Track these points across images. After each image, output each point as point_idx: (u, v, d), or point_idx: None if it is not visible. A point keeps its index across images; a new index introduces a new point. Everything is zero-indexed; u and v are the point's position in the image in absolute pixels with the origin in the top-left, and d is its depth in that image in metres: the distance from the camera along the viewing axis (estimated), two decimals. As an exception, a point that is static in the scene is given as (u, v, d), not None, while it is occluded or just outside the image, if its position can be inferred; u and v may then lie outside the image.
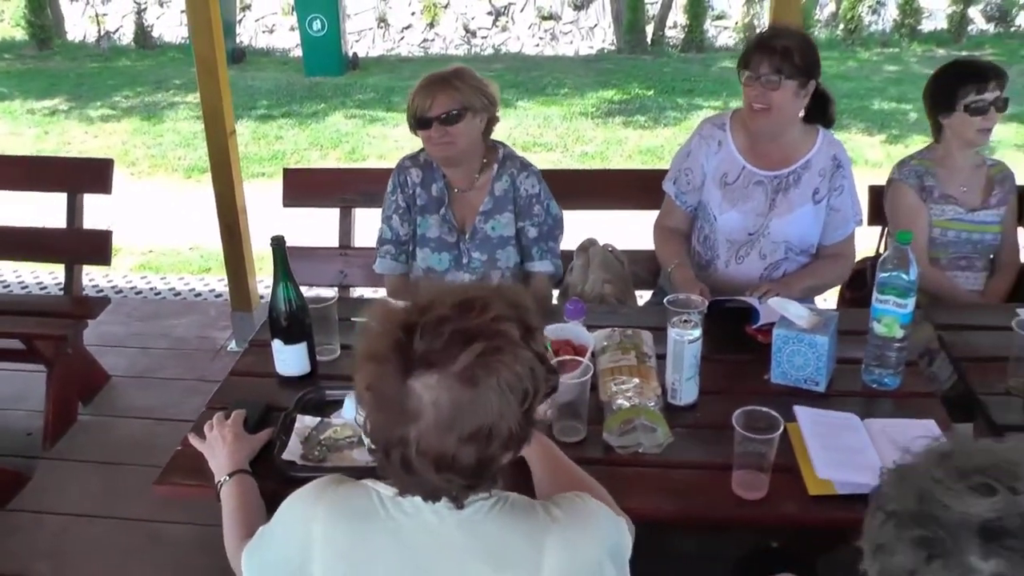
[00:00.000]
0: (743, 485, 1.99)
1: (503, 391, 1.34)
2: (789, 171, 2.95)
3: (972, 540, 1.03)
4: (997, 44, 13.05)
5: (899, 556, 1.09)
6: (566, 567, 1.44)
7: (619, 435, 2.14)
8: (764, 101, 2.80)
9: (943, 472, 1.09)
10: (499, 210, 3.00)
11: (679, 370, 2.25)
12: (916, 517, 1.08)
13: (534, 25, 13.70)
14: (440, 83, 2.83)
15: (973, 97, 3.07)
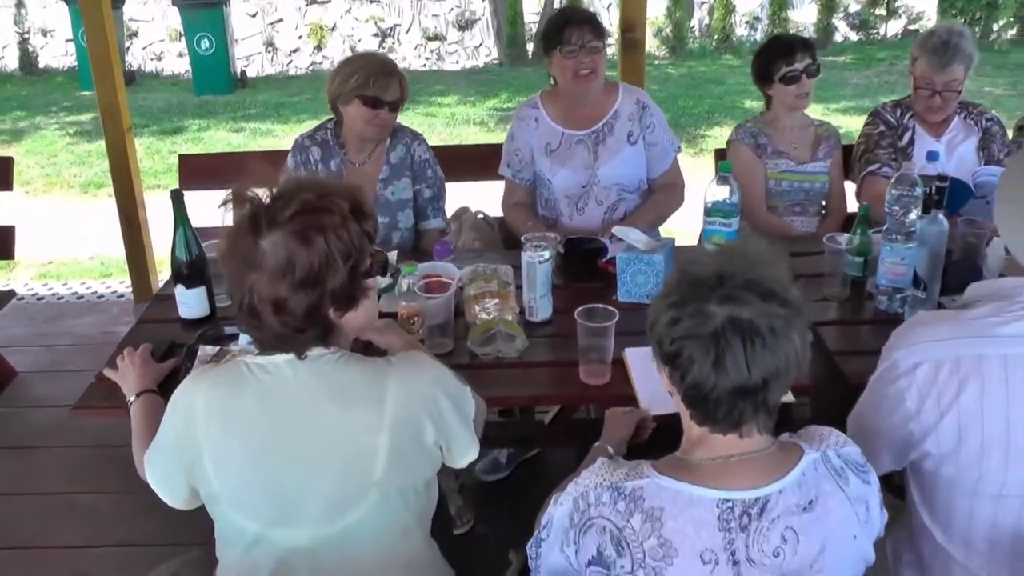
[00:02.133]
0: (589, 374, 2.36)
1: (330, 250, 1.70)
2: (603, 124, 3.42)
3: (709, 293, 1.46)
4: (858, 50, 13.92)
5: (660, 326, 1.52)
6: (404, 400, 1.77)
7: (481, 344, 2.50)
8: (591, 66, 3.27)
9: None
10: (397, 176, 3.37)
11: (533, 289, 2.62)
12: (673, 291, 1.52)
13: (420, 46, 14.06)
14: (396, 73, 3.22)
15: (784, 69, 3.54)
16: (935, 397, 1.72)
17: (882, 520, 1.66)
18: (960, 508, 1.81)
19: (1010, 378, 1.67)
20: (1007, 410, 1.68)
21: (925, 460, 1.80)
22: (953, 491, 1.80)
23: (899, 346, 1.79)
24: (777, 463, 1.55)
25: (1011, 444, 1.69)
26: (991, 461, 1.71)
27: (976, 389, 1.68)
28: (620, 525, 1.51)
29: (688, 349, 1.48)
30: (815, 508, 1.51)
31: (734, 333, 1.44)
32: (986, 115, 3.72)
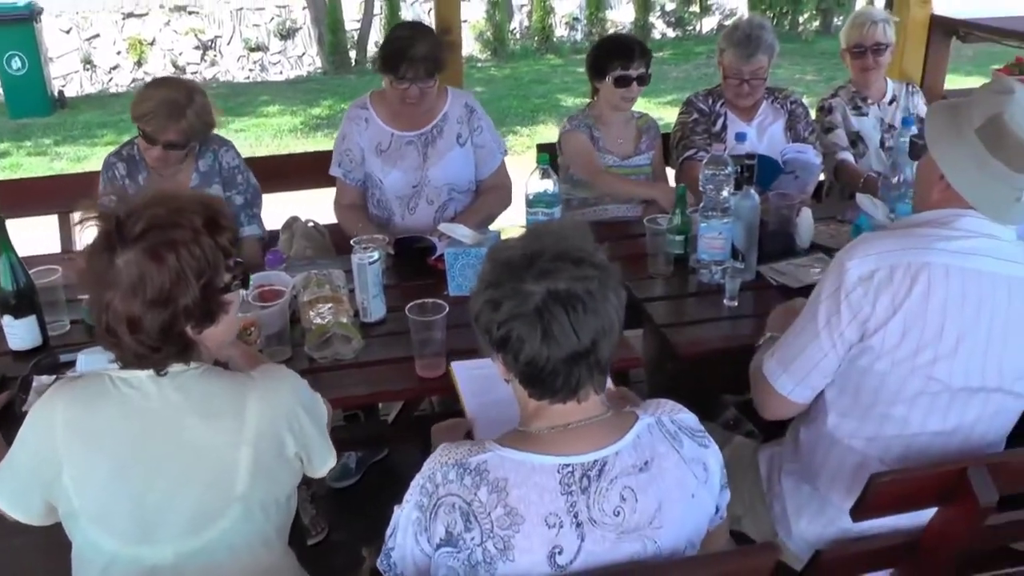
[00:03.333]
0: (425, 368, 2.39)
1: (181, 267, 1.67)
2: (432, 126, 3.47)
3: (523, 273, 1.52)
4: (676, 46, 14.41)
5: (484, 314, 1.56)
6: (266, 414, 1.77)
7: (318, 348, 2.49)
8: (418, 97, 3.32)
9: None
10: (206, 183, 3.31)
11: (365, 290, 2.63)
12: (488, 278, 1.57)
13: (243, 57, 13.78)
14: (180, 114, 3.10)
15: (619, 72, 3.62)
16: (890, 295, 1.92)
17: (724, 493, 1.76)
18: (888, 390, 2.00)
19: (950, 285, 1.91)
20: (944, 313, 1.91)
21: (861, 357, 1.99)
22: (881, 387, 2.00)
23: (850, 258, 1.98)
24: (613, 428, 1.61)
25: (942, 343, 1.92)
26: (921, 358, 1.93)
27: (922, 290, 1.91)
28: (468, 499, 1.54)
29: (516, 330, 1.53)
30: (651, 468, 1.58)
31: (555, 304, 1.51)
32: (791, 98, 3.95)
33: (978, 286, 1.92)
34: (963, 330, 1.92)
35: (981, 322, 1.92)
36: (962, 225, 1.96)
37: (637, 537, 1.57)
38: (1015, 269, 1.96)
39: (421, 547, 1.61)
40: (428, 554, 1.61)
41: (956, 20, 5.06)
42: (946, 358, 1.93)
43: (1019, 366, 1.99)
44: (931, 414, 1.99)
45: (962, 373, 1.95)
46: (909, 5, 4.65)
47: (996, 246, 1.96)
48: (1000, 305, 1.93)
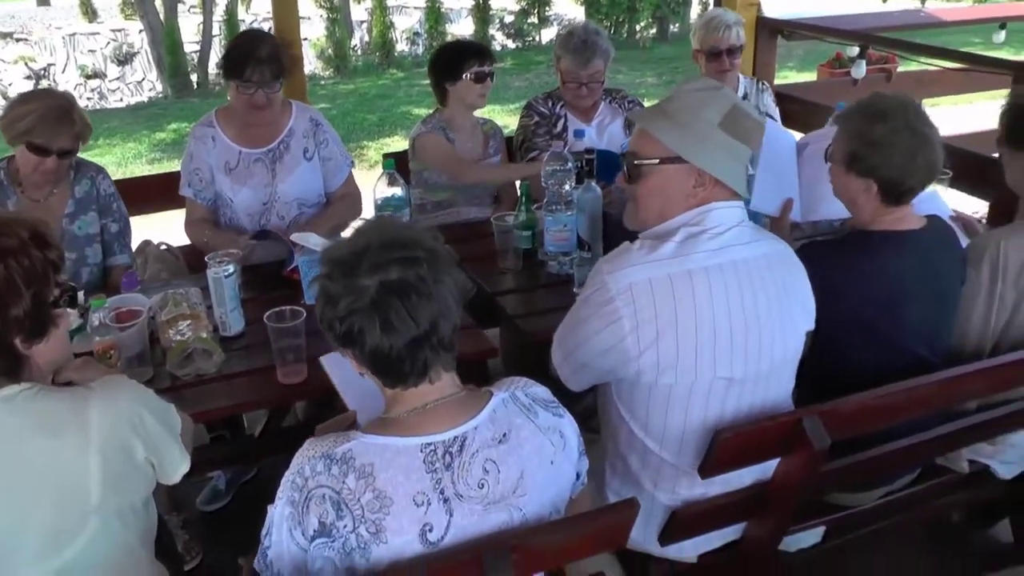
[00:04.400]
0: (287, 375, 2.43)
1: (10, 275, 1.70)
2: (279, 141, 3.49)
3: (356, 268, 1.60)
4: (517, 56, 14.68)
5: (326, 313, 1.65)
6: (109, 421, 1.77)
7: (180, 365, 2.50)
8: (265, 102, 3.34)
9: None
10: (83, 210, 3.26)
11: (222, 304, 2.65)
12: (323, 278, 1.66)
13: (80, 85, 13.41)
14: (70, 118, 3.05)
15: (477, 68, 3.73)
16: (652, 314, 1.97)
17: (583, 459, 1.86)
18: (675, 413, 2.07)
19: (713, 287, 1.99)
20: (713, 315, 1.99)
21: (642, 376, 2.04)
22: (670, 399, 2.06)
23: (609, 271, 2.03)
24: (469, 404, 1.70)
25: (718, 343, 2.00)
26: (703, 361, 2.01)
27: (688, 301, 1.97)
28: (337, 488, 1.60)
29: (356, 324, 1.60)
30: (509, 440, 1.68)
31: (390, 295, 1.58)
32: (628, 99, 4.14)
33: (738, 277, 2.02)
34: (736, 323, 2.01)
35: (752, 308, 2.03)
36: (712, 220, 2.05)
37: (503, 507, 1.66)
38: (763, 247, 2.09)
39: (296, 542, 1.65)
40: (304, 548, 1.64)
41: (781, 20, 5.44)
42: (726, 356, 2.02)
43: (796, 332, 2.14)
44: (727, 403, 2.08)
45: (742, 363, 2.05)
46: (736, 6, 4.91)
47: (741, 232, 2.07)
48: (765, 283, 2.05)
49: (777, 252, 2.13)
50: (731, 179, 2.07)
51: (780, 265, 2.11)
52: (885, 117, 2.31)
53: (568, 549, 1.77)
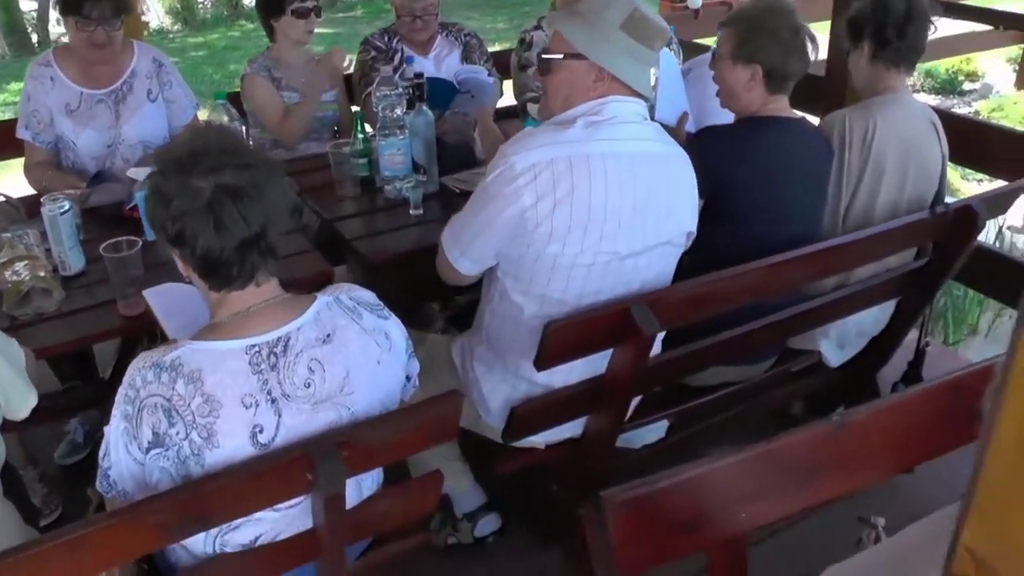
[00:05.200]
0: (128, 307, 2.45)
1: None
2: (121, 82, 3.43)
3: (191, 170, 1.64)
4: (368, 5, 14.51)
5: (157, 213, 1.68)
6: None
7: (18, 306, 2.49)
8: (105, 39, 3.26)
9: None
10: None
11: (60, 243, 2.64)
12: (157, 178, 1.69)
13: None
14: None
15: (299, 3, 3.74)
16: (551, 189, 2.14)
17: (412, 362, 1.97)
18: (558, 277, 2.24)
19: (608, 171, 2.16)
20: (606, 196, 2.16)
21: (535, 243, 2.20)
22: (555, 264, 2.22)
23: (514, 152, 2.18)
24: (293, 306, 1.77)
25: (607, 222, 2.18)
26: (590, 237, 2.18)
27: (585, 179, 2.14)
28: (168, 395, 1.65)
29: (189, 224, 1.64)
30: (333, 340, 1.75)
31: (224, 196, 1.63)
32: (464, 32, 4.21)
33: (633, 167, 2.21)
34: (624, 208, 2.20)
35: (640, 197, 2.22)
36: (609, 111, 2.22)
37: (331, 406, 1.75)
38: (660, 147, 2.29)
39: (133, 456, 1.69)
40: (141, 461, 1.69)
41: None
42: (611, 235, 2.21)
43: (679, 224, 2.34)
44: (605, 279, 2.26)
45: (627, 243, 2.24)
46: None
47: (642, 129, 2.27)
48: (657, 177, 2.26)
49: (672, 154, 2.33)
50: (629, 77, 2.23)
51: (673, 165, 2.32)
52: (767, 11, 2.61)
53: (398, 444, 1.85)
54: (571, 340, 2.15)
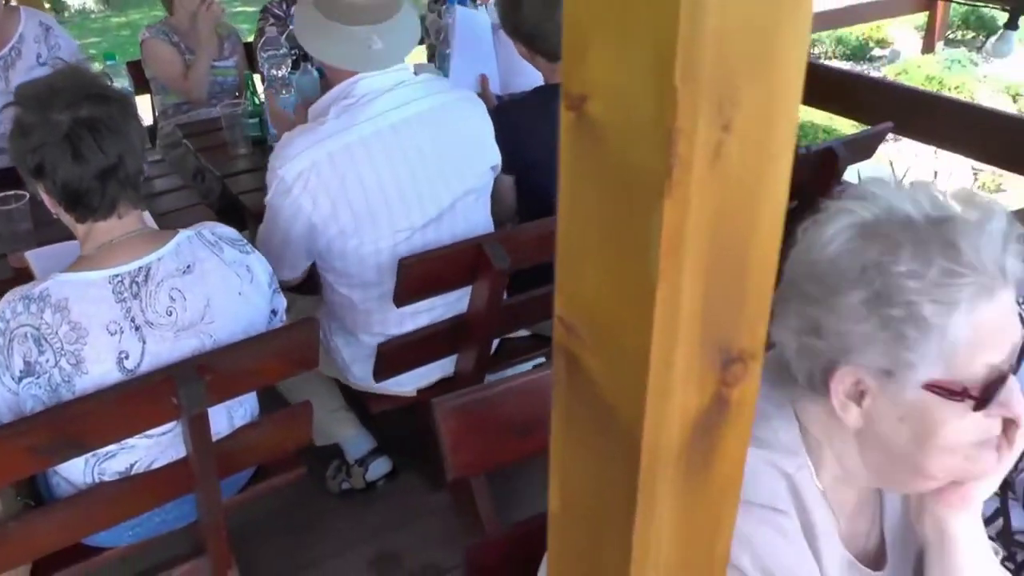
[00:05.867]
0: (17, 259, 2.50)
1: None
2: (10, 48, 3.45)
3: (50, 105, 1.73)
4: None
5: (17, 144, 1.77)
6: None
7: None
8: None
9: None
10: None
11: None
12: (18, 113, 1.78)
13: None
14: None
15: None
16: (324, 190, 2.18)
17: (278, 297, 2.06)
18: (368, 266, 2.31)
19: (373, 154, 2.20)
20: (379, 179, 2.21)
21: (334, 242, 2.27)
22: (360, 256, 2.29)
23: (279, 165, 2.21)
24: (155, 239, 1.86)
25: (389, 203, 2.24)
26: (381, 223, 2.25)
27: (352, 173, 2.18)
28: (36, 324, 1.73)
29: (49, 156, 1.74)
30: (193, 271, 1.85)
31: (82, 128, 1.72)
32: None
33: (399, 137, 2.24)
34: (403, 181, 2.25)
35: (418, 163, 2.27)
36: (360, 89, 2.22)
37: (193, 333, 1.85)
38: (432, 100, 2.30)
39: (7, 386, 1.77)
40: (14, 391, 1.77)
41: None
42: (401, 212, 2.27)
43: (474, 168, 2.39)
44: (414, 246, 2.32)
45: (420, 213, 2.30)
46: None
47: (402, 94, 2.25)
48: (436, 131, 2.29)
49: (451, 100, 2.36)
50: (327, 56, 2.26)
51: (454, 111, 2.35)
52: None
53: (259, 370, 1.95)
54: (426, 275, 2.25)
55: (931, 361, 0.96)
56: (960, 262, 0.94)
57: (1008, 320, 0.98)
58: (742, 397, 0.61)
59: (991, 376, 0.97)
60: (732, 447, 0.63)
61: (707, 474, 0.63)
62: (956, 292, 0.94)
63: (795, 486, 1.07)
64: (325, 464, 2.84)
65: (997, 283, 0.96)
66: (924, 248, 0.95)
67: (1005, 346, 0.98)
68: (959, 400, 0.97)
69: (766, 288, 0.58)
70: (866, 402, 1.02)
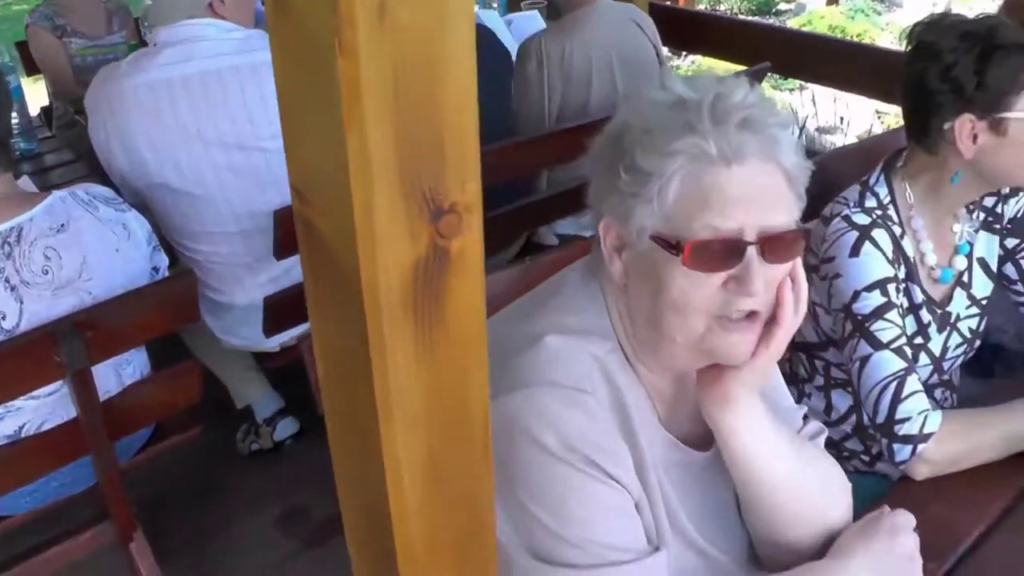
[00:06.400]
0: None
1: None
2: None
3: None
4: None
5: None
6: None
7: None
8: None
9: None
10: None
11: None
12: None
13: None
14: None
15: None
16: (126, 123, 2.29)
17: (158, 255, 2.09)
18: (195, 214, 2.40)
19: (159, 99, 2.30)
20: (175, 117, 2.31)
21: (151, 183, 2.37)
22: (197, 208, 2.38)
23: (85, 101, 2.34)
24: (27, 200, 1.88)
25: (190, 140, 2.32)
26: (185, 160, 2.33)
27: (151, 109, 2.30)
28: None
29: None
30: (68, 229, 1.87)
31: None
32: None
33: (205, 82, 2.32)
34: (221, 124, 2.33)
35: (220, 108, 2.33)
36: (181, 34, 2.35)
37: (71, 291, 1.87)
38: (242, 58, 2.37)
39: None
40: None
41: None
42: (221, 158, 2.36)
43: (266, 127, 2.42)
44: (236, 195, 2.42)
45: (244, 159, 2.38)
46: None
47: (206, 47, 2.36)
48: (238, 90, 2.36)
49: (260, 62, 2.39)
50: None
51: (262, 73, 2.38)
52: None
53: (141, 324, 1.97)
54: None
55: (650, 212, 1.06)
56: (684, 125, 1.04)
57: (755, 196, 1.06)
58: (464, 249, 0.67)
59: (710, 239, 1.04)
60: (464, 299, 0.69)
61: (442, 326, 0.69)
62: (672, 146, 1.04)
63: (606, 368, 1.13)
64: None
65: (726, 154, 1.04)
66: (663, 111, 1.07)
67: (741, 218, 1.05)
68: (675, 254, 1.05)
69: (467, 146, 0.64)
70: (624, 254, 1.12)
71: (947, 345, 1.78)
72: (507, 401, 1.08)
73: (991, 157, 1.58)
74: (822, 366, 1.82)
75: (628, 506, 1.12)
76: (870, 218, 1.63)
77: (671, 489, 1.18)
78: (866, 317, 1.56)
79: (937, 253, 1.74)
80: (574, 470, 1.06)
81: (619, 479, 1.10)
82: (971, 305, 1.80)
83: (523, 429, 1.07)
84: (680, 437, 1.21)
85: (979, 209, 1.81)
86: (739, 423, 1.15)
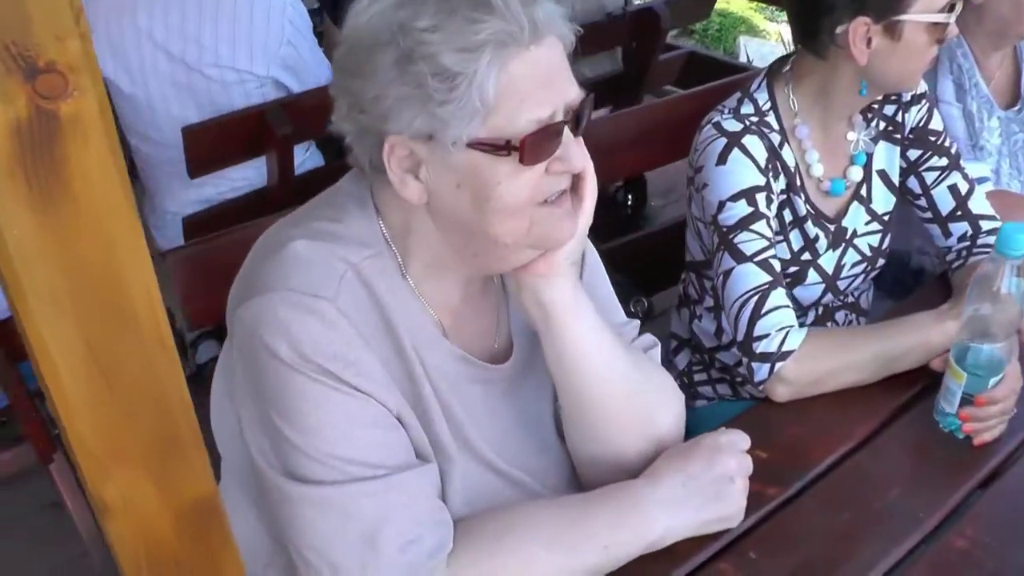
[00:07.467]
0: None
1: None
2: None
3: None
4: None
5: None
6: None
7: None
8: None
9: None
10: None
11: None
12: None
13: None
14: None
15: None
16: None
17: None
18: (140, 116, 2.40)
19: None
20: (119, 21, 2.30)
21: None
22: (150, 106, 2.37)
23: None
24: None
25: (142, 46, 2.30)
26: (133, 64, 2.32)
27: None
28: None
29: None
30: None
31: None
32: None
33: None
34: (156, 28, 2.29)
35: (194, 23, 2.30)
36: None
37: None
38: None
39: None
40: None
41: None
42: (154, 60, 2.31)
43: (235, 58, 2.36)
44: (180, 102, 2.38)
45: (185, 74, 2.33)
46: None
47: None
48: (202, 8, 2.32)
49: None
50: None
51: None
52: None
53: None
54: (213, 144, 2.25)
55: (467, 117, 0.98)
56: (479, 9, 0.96)
57: (554, 75, 1.01)
58: (79, 114, 0.62)
59: (537, 130, 0.99)
60: (93, 169, 0.64)
61: (69, 198, 0.64)
62: (476, 37, 0.95)
63: (362, 275, 1.07)
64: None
65: (527, 33, 0.97)
66: (448, 3, 0.97)
67: (553, 100, 1.00)
68: (505, 155, 0.99)
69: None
70: (422, 173, 1.03)
71: (842, 262, 1.71)
72: (249, 307, 1.04)
73: (883, 61, 1.51)
74: (710, 286, 1.76)
75: (382, 418, 1.06)
76: (742, 124, 1.56)
77: (457, 404, 1.13)
78: (730, 228, 1.51)
79: (826, 163, 1.67)
80: (309, 380, 1.01)
81: (363, 389, 1.04)
82: (871, 220, 1.73)
83: (259, 337, 1.02)
84: (471, 351, 1.16)
85: (879, 117, 1.72)
86: (569, 296, 1.12)
